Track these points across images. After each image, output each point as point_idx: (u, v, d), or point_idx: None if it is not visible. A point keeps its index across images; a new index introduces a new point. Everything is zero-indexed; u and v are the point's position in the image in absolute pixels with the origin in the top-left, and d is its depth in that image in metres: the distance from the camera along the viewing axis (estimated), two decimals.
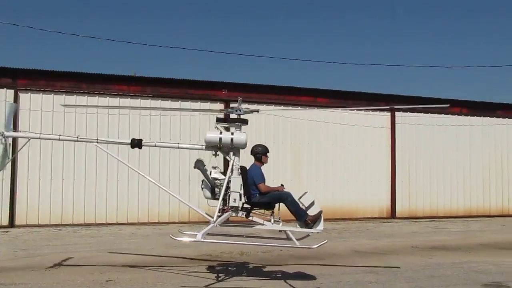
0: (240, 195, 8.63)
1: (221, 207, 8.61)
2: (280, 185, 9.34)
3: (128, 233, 15.95)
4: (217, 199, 8.65)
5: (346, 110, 19.40)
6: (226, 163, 9.19)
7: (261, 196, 9.03)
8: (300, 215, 8.82)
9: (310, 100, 19.83)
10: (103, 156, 17.13)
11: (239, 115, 9.04)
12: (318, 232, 8.82)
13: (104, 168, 17.52)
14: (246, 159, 9.37)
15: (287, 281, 9.07)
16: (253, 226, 8.98)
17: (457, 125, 21.93)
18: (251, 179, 9.06)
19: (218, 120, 9.06)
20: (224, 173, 8.83)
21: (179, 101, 18.49)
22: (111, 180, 17.63)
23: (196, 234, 8.37)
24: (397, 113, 20.73)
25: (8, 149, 9.17)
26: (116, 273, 9.47)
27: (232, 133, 8.81)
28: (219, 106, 18.52)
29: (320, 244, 8.71)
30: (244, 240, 9.45)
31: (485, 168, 22.53)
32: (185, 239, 9.26)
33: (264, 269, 10.19)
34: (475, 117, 22.30)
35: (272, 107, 18.58)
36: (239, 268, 10.17)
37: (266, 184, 9.16)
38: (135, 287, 8.42)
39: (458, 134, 22.01)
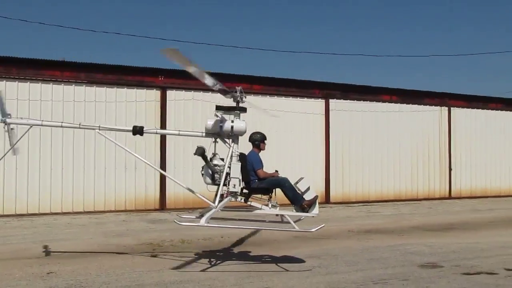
0: (239, 180, 8.83)
1: (221, 193, 8.75)
2: (275, 171, 9.57)
3: (63, 223, 15.55)
4: (217, 184, 8.79)
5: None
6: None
7: (260, 182, 9.24)
8: (297, 200, 9.08)
9: (246, 87, 19.83)
10: (36, 143, 16.62)
11: (238, 102, 9.09)
12: (313, 216, 9.09)
13: (37, 156, 16.96)
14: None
15: (228, 266, 9.17)
16: (252, 211, 9.13)
17: (388, 111, 22.64)
18: (250, 165, 9.24)
19: (218, 108, 9.10)
20: (224, 159, 8.95)
21: (115, 88, 18.11)
22: (44, 168, 17.08)
23: (199, 220, 8.54)
24: (331, 100, 21.16)
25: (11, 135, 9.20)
26: (56, 265, 9.23)
27: (232, 121, 8.95)
28: (156, 93, 18.31)
29: (318, 227, 8.99)
30: (244, 224, 9.57)
31: (413, 154, 23.42)
32: (190, 224, 9.34)
33: (205, 256, 10.21)
34: (405, 105, 23.10)
35: (209, 93, 18.51)
36: (181, 256, 10.16)
37: (263, 170, 9.34)
38: (79, 278, 8.24)
39: (388, 121, 22.73)
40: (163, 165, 18.19)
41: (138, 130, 9.36)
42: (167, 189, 18.45)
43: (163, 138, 18.32)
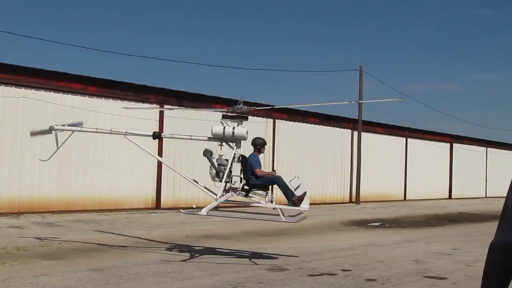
0: (240, 178, 10.57)
1: (224, 188, 10.46)
2: (272, 170, 11.22)
3: None
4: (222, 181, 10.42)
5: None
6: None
7: (257, 179, 10.73)
8: (289, 195, 10.55)
9: (81, 87, 19.17)
10: None
11: (241, 112, 10.76)
12: (305, 210, 10.60)
13: None
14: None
15: (71, 273, 8.91)
16: (251, 204, 10.95)
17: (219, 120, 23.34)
18: (250, 165, 10.76)
19: (224, 116, 10.86)
20: (228, 160, 10.51)
21: None
22: None
23: (200, 210, 10.57)
24: (166, 106, 21.24)
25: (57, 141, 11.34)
26: None
27: (234, 127, 10.59)
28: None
29: (300, 219, 10.92)
30: (239, 215, 11.54)
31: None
32: (193, 213, 11.38)
33: (41, 263, 9.74)
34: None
35: (42, 92, 17.53)
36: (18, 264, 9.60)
37: (262, 169, 10.93)
38: None
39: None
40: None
41: (157, 135, 11.51)
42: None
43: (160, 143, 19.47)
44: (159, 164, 21.24)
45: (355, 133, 30.71)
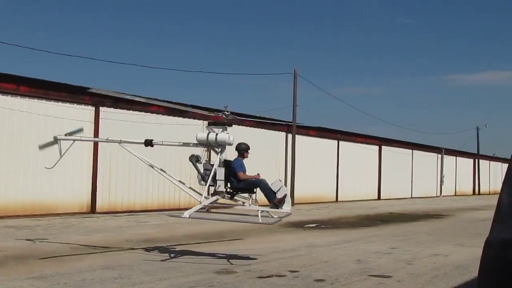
0: (224, 182, 10.96)
1: (208, 191, 11.10)
2: (256, 174, 11.45)
3: None
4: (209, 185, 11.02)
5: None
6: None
7: (239, 183, 11.09)
8: (270, 197, 10.89)
9: (12, 87, 18.40)
10: None
11: (225, 118, 11.37)
12: (286, 212, 10.94)
13: None
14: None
15: (17, 283, 8.58)
16: (234, 207, 11.49)
17: (155, 123, 23.06)
18: (233, 169, 11.08)
19: (209, 123, 11.55)
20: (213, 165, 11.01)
21: None
22: None
23: (183, 213, 11.20)
24: (101, 108, 20.76)
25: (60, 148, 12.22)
26: None
27: (217, 133, 11.05)
28: None
29: (276, 221, 11.42)
30: (222, 217, 12.10)
31: (177, 165, 24.12)
32: (176, 217, 12.34)
33: None
34: (171, 117, 23.75)
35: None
36: None
37: (245, 173, 11.18)
38: None
39: (155, 132, 23.03)
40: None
41: (149, 142, 11.99)
42: None
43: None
44: (94, 168, 20.75)
45: (289, 136, 31.10)
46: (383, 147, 42.76)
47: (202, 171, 11.25)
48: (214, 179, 11.05)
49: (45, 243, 13.14)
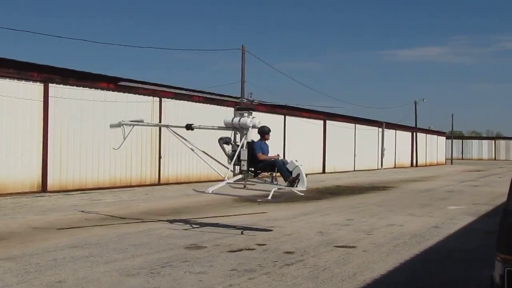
0: (247, 162, 11.98)
1: (233, 170, 12.29)
2: (276, 154, 12.61)
3: None
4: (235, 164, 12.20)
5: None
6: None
7: (258, 163, 12.07)
8: (285, 176, 11.76)
9: None
10: None
11: (251, 103, 12.53)
12: (300, 190, 11.85)
13: None
14: None
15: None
16: (256, 184, 12.60)
17: (105, 100, 22.67)
18: (254, 150, 12.06)
19: (237, 108, 12.52)
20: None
21: None
22: None
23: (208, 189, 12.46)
24: (51, 85, 20.22)
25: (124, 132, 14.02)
26: None
27: (240, 118, 12.14)
28: None
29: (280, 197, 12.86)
30: (239, 192, 13.81)
31: (127, 141, 23.81)
32: (201, 192, 13.42)
33: None
34: (121, 93, 23.37)
35: None
36: None
37: (264, 154, 12.14)
38: None
39: (106, 109, 22.71)
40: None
41: (190, 126, 13.59)
42: None
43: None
44: (45, 146, 20.26)
45: None
46: (327, 121, 43.55)
47: (229, 152, 12.44)
48: (239, 159, 12.09)
49: (1, 223, 12.89)
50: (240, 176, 12.30)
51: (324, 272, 7.98)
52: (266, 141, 12.51)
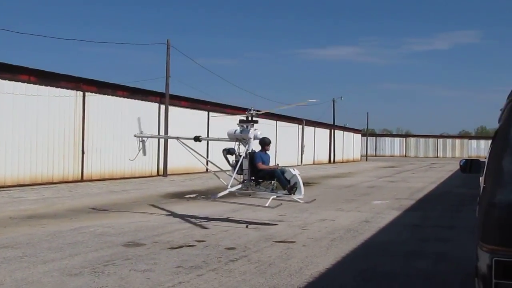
0: (248, 171, 12.77)
1: (234, 179, 12.99)
2: (276, 164, 13.85)
3: None
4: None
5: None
6: None
7: (259, 172, 12.82)
8: (283, 184, 12.45)
9: None
10: None
11: (252, 117, 13.10)
12: (297, 198, 12.41)
13: None
14: None
15: None
16: (257, 192, 13.09)
17: (26, 94, 21.69)
18: (254, 160, 12.79)
19: (240, 121, 13.26)
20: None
21: None
22: None
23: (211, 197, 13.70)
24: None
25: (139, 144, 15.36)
26: None
27: (242, 130, 13.05)
28: None
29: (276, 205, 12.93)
30: (242, 201, 14.04)
31: (50, 137, 23.02)
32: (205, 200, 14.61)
33: None
34: (43, 87, 22.48)
35: None
36: None
37: (263, 163, 12.86)
38: None
39: (26, 103, 21.77)
40: None
41: (198, 138, 14.56)
42: None
43: None
44: None
45: (162, 106, 30.86)
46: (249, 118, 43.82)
47: (232, 162, 13.24)
48: (242, 169, 12.85)
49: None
50: (239, 186, 13.10)
51: (271, 268, 8.06)
52: (267, 152, 13.32)
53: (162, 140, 30.79)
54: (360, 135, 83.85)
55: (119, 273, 7.59)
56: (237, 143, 13.29)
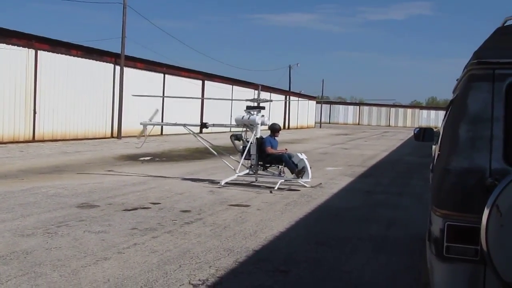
0: (256, 156, 13.11)
1: (242, 164, 13.27)
2: (284, 149, 13.79)
3: None
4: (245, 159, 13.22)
5: None
6: None
7: (267, 157, 13.09)
8: (291, 169, 12.69)
9: None
10: None
11: (258, 103, 13.73)
12: (306, 182, 12.90)
13: None
14: None
15: None
16: (265, 176, 13.43)
17: None
18: (263, 145, 13.10)
19: (247, 107, 13.78)
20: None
21: None
22: None
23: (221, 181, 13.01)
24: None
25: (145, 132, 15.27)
26: None
27: (249, 116, 13.39)
28: None
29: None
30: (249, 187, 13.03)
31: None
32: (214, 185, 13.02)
33: None
34: None
35: None
36: None
37: (272, 148, 13.15)
38: None
39: None
40: None
41: (204, 125, 14.85)
42: None
43: None
44: None
45: (117, 67, 30.28)
46: (206, 81, 43.55)
47: (240, 147, 13.63)
48: (250, 154, 13.12)
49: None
50: (247, 170, 13.43)
51: (226, 230, 8.16)
52: (276, 138, 13.61)
53: (116, 101, 30.31)
54: (314, 102, 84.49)
55: (73, 234, 7.55)
56: (245, 129, 13.63)
